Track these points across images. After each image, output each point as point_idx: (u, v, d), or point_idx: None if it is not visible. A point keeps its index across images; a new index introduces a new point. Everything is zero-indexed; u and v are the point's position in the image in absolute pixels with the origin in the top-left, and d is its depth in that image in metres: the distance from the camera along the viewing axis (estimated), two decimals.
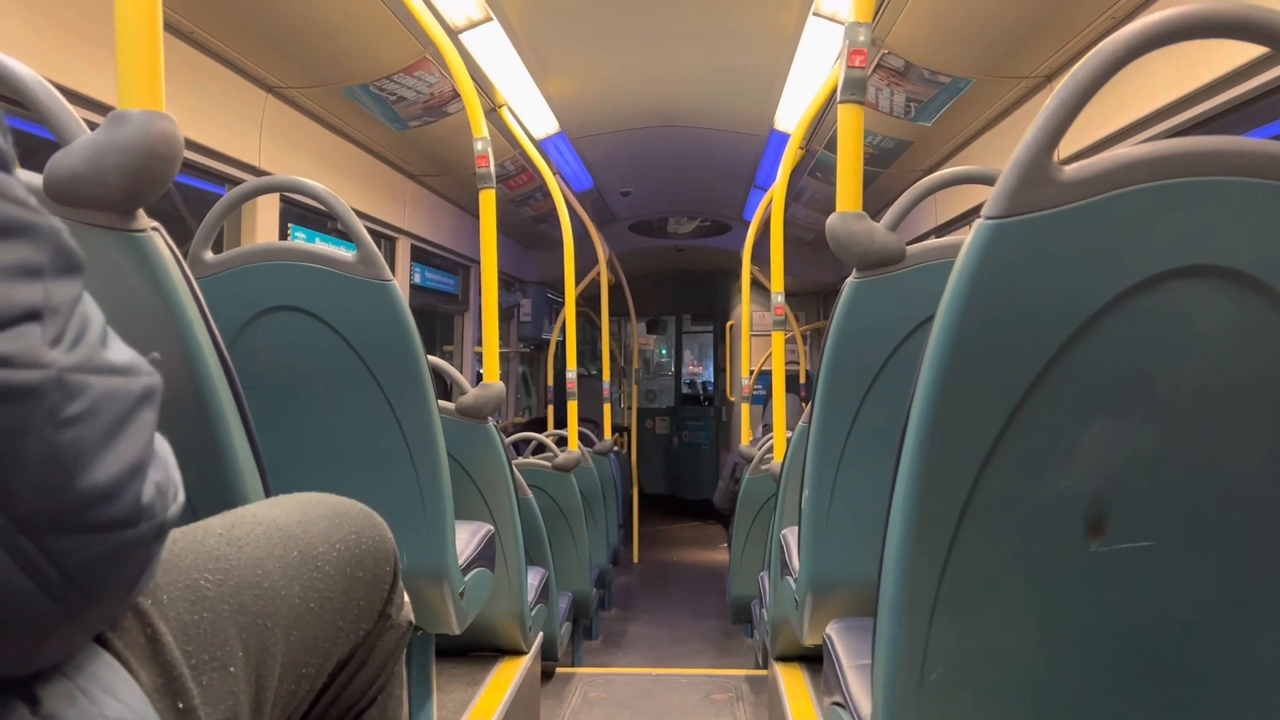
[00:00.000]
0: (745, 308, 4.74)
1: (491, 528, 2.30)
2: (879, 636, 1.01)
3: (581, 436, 5.05)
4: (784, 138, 4.31)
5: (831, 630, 1.48)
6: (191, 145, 2.54)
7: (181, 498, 0.60)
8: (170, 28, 2.40)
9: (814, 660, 2.64)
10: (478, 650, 2.77)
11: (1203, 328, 0.87)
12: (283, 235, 3.27)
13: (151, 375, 0.57)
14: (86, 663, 0.58)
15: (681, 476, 9.49)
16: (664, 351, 10.35)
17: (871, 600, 1.02)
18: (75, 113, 1.00)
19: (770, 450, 3.72)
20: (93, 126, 0.99)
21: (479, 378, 2.50)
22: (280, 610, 0.79)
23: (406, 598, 1.02)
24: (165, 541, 0.59)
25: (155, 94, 1.05)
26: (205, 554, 0.76)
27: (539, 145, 4.47)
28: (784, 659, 2.70)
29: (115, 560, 0.53)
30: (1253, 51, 1.83)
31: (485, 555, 2.19)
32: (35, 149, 2.09)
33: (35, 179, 0.96)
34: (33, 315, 0.48)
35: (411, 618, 1.03)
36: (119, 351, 0.55)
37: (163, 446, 0.59)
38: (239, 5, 2.44)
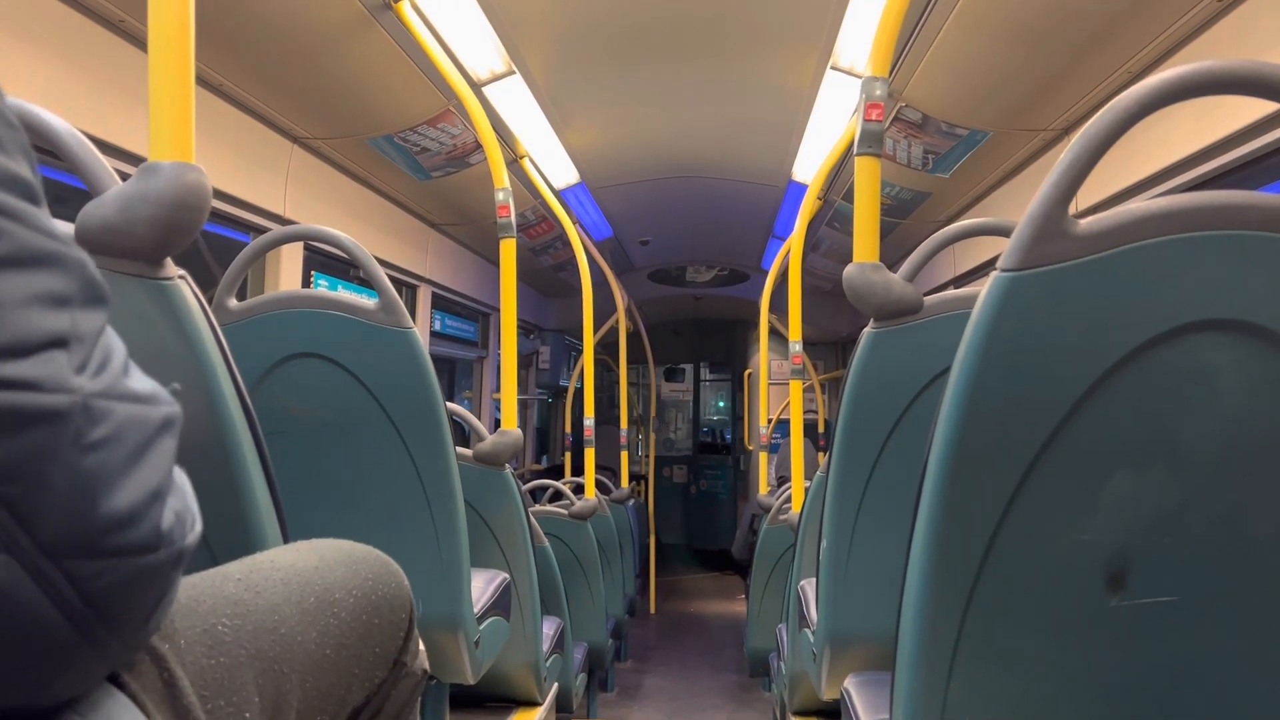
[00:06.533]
0: (763, 356, 4.75)
1: (507, 576, 2.29)
2: (897, 691, 0.99)
3: (598, 484, 5.04)
4: (802, 188, 4.34)
5: (850, 684, 1.46)
6: (219, 195, 2.59)
7: (199, 528, 0.61)
8: (200, 80, 2.46)
9: (833, 715, 2.59)
10: (491, 700, 2.74)
11: (1222, 382, 0.87)
12: (305, 283, 3.31)
13: (172, 405, 0.58)
14: (102, 703, 0.59)
15: (699, 526, 9.41)
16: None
17: (891, 654, 1.01)
18: (107, 163, 1.03)
19: (788, 500, 3.69)
20: (123, 176, 1.02)
21: (497, 425, 2.51)
22: (297, 656, 0.79)
23: (422, 646, 1.02)
24: (182, 571, 0.59)
25: (185, 147, 1.07)
26: (223, 599, 0.76)
27: (559, 195, 4.53)
28: (802, 713, 2.65)
29: (135, 586, 0.54)
30: (1272, 105, 1.84)
31: (500, 604, 2.17)
32: (64, 197, 2.14)
33: (67, 228, 0.99)
34: (60, 342, 0.49)
35: (426, 666, 1.02)
36: (140, 381, 0.56)
37: (181, 477, 0.60)
38: (267, 59, 2.50)
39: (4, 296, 0.48)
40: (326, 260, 3.53)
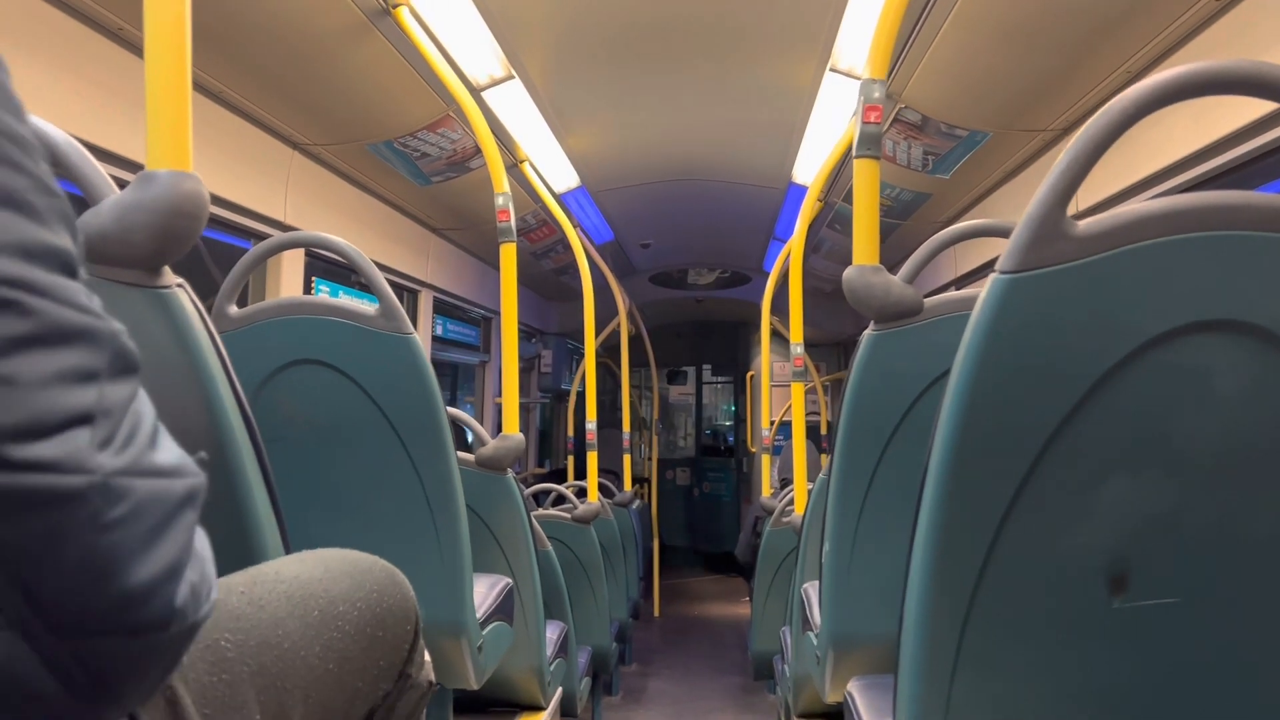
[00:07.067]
0: (765, 358, 4.74)
1: (510, 581, 2.28)
2: (900, 695, 0.99)
3: (601, 488, 5.03)
4: (802, 190, 4.34)
5: (853, 688, 1.46)
6: (220, 201, 2.59)
7: (214, 596, 0.59)
8: (200, 87, 2.46)
9: (836, 718, 2.59)
10: (495, 705, 2.74)
11: (1221, 383, 0.87)
12: (307, 289, 3.31)
13: (196, 476, 0.57)
14: None
15: (703, 528, 9.40)
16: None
17: (894, 657, 1.01)
18: (104, 171, 1.03)
19: (791, 503, 3.69)
20: (121, 184, 1.02)
21: (499, 429, 2.51)
22: (299, 671, 0.79)
23: (428, 656, 1.02)
24: (192, 641, 0.58)
25: (182, 155, 1.07)
26: (227, 613, 0.76)
27: (560, 199, 4.53)
28: (806, 716, 2.65)
29: (143, 662, 0.53)
30: (1271, 104, 1.83)
31: (503, 609, 2.17)
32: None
33: None
34: (84, 419, 0.49)
35: (432, 677, 1.02)
36: (167, 451, 0.55)
37: (201, 543, 0.59)
38: (267, 66, 2.50)
39: (27, 376, 0.47)
40: (328, 266, 3.54)
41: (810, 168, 4.12)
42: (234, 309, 1.71)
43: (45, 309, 0.49)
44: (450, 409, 1.93)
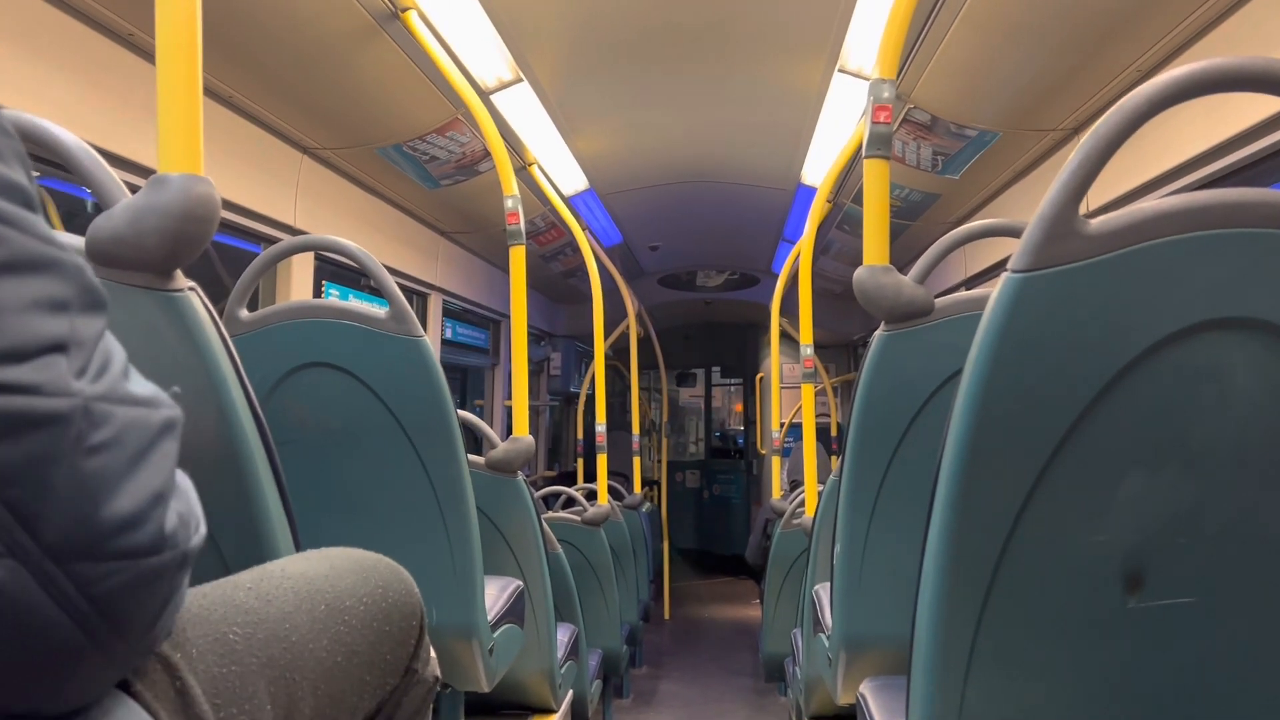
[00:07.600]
0: (775, 360, 4.74)
1: (521, 583, 2.28)
2: (913, 696, 0.99)
3: (611, 490, 5.03)
4: (811, 192, 4.34)
5: (865, 689, 1.46)
6: (229, 206, 2.60)
7: (203, 530, 0.61)
8: (210, 92, 2.47)
9: (849, 719, 2.58)
10: (507, 708, 2.74)
11: (1236, 381, 0.86)
12: (317, 293, 3.32)
13: (172, 408, 0.58)
14: (115, 711, 0.59)
15: (712, 531, 9.40)
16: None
17: (907, 658, 1.01)
18: (117, 176, 1.03)
19: (801, 504, 3.68)
20: (134, 188, 1.02)
21: (509, 432, 2.51)
22: (308, 664, 0.79)
23: (433, 652, 1.02)
24: (188, 573, 0.60)
25: (194, 158, 1.08)
26: (234, 608, 0.77)
27: (568, 202, 4.53)
28: (818, 718, 2.64)
29: (141, 589, 0.54)
30: None
31: (514, 611, 2.17)
32: (75, 211, 2.15)
33: (78, 241, 0.99)
34: (59, 347, 0.50)
35: (438, 673, 1.03)
36: (140, 385, 0.57)
37: (184, 480, 0.61)
38: (276, 70, 2.51)
39: (3, 302, 0.48)
40: (338, 270, 3.55)
41: (819, 169, 4.12)
42: (245, 313, 1.72)
43: (15, 238, 0.50)
44: (460, 412, 1.93)
